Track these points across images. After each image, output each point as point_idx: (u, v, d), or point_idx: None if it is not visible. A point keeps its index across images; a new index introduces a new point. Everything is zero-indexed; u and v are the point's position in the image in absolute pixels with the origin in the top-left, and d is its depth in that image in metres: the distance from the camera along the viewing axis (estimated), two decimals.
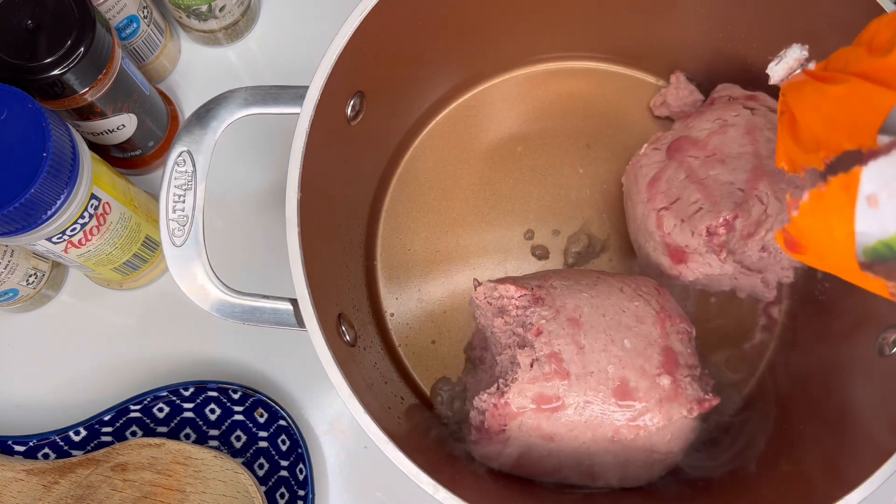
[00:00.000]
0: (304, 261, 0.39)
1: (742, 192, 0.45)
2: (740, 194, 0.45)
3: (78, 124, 0.50)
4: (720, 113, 0.49)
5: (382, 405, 0.44)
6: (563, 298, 0.44)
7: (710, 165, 0.46)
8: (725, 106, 0.49)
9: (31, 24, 0.43)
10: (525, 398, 0.42)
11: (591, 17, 0.53)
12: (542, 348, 0.42)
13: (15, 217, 0.40)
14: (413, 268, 0.55)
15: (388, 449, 0.37)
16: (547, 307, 0.44)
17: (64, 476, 0.50)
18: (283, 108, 0.42)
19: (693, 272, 0.47)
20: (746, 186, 0.45)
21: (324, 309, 0.40)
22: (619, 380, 0.42)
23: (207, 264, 0.40)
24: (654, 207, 0.48)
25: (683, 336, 0.44)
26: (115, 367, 0.55)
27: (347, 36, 0.41)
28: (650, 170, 0.49)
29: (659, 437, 0.42)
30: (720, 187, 0.45)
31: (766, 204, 0.45)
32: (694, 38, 0.53)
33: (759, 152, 0.46)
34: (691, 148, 0.48)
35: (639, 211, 0.49)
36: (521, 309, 0.44)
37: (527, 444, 0.43)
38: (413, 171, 0.56)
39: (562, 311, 0.43)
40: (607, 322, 0.43)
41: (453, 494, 0.37)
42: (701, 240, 0.45)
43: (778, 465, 0.45)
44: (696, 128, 0.49)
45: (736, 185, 0.45)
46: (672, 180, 0.47)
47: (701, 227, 0.45)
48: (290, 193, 0.40)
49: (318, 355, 0.38)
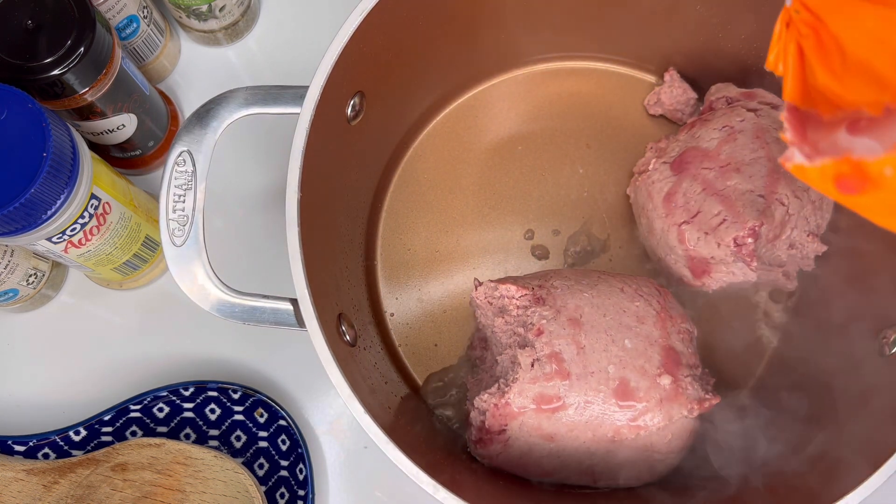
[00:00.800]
0: (305, 260, 0.39)
1: (763, 198, 0.45)
2: (762, 201, 0.45)
3: (78, 124, 0.50)
4: (725, 120, 0.48)
5: (382, 405, 0.44)
6: (563, 298, 0.44)
7: (727, 176, 0.46)
8: (729, 112, 0.49)
9: (31, 24, 0.43)
10: (526, 398, 0.42)
11: (591, 17, 0.53)
12: (542, 348, 0.42)
13: (15, 217, 0.40)
14: (413, 268, 0.55)
15: (389, 449, 0.37)
16: (548, 307, 0.44)
17: (64, 476, 0.50)
18: (284, 108, 0.42)
19: (717, 282, 0.47)
20: (766, 192, 0.45)
21: (324, 309, 0.40)
22: (619, 380, 0.42)
23: (207, 264, 0.40)
24: (675, 222, 0.48)
25: (684, 336, 0.44)
26: (115, 367, 0.55)
27: (347, 36, 0.42)
28: (664, 185, 0.49)
29: (659, 436, 0.42)
30: (741, 196, 0.45)
31: (787, 205, 0.45)
32: (692, 36, 0.53)
33: (772, 155, 0.46)
34: (704, 160, 0.48)
35: (657, 226, 0.49)
36: (522, 309, 0.44)
37: (527, 443, 0.43)
38: (413, 171, 0.56)
39: (562, 311, 0.43)
40: (608, 322, 0.43)
41: (453, 494, 0.37)
42: (728, 250, 0.45)
43: (778, 465, 0.45)
44: (703, 138, 0.49)
45: (756, 192, 0.45)
46: (689, 194, 0.47)
47: (728, 239, 0.45)
48: (290, 193, 0.40)
49: (318, 355, 0.38)
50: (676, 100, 0.54)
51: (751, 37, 0.51)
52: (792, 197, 0.45)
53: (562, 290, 0.45)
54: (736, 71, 0.52)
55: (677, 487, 0.46)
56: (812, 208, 0.46)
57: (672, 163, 0.49)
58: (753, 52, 0.51)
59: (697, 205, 0.47)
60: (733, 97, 0.51)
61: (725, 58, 0.52)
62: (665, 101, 0.54)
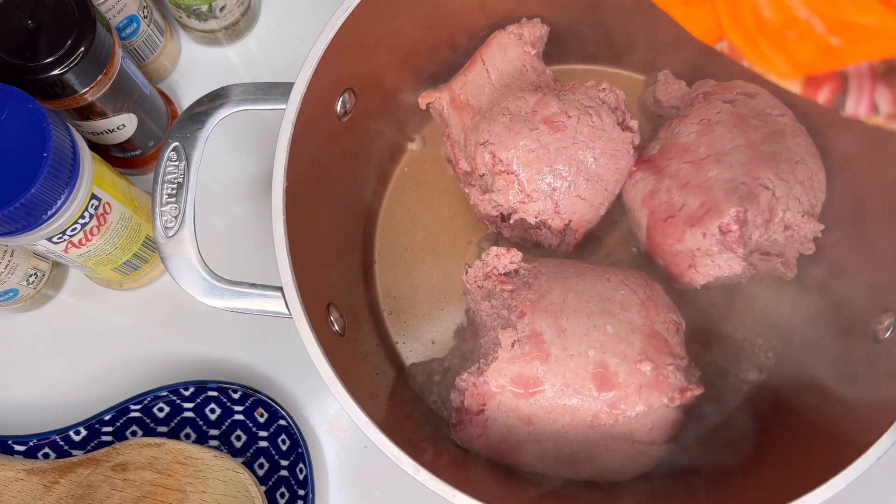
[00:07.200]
0: (290, 248, 0.40)
1: (745, 185, 0.45)
2: (745, 188, 0.45)
3: (78, 124, 0.50)
4: (702, 114, 0.49)
5: (370, 393, 0.45)
6: (549, 284, 0.45)
7: (708, 167, 0.47)
8: (705, 105, 0.49)
9: (32, 23, 0.43)
10: (504, 377, 0.42)
11: (584, 19, 0.53)
12: (524, 329, 0.42)
13: (15, 217, 0.40)
14: (410, 265, 0.55)
15: (370, 430, 0.38)
16: (533, 291, 0.44)
17: (64, 476, 0.50)
18: (273, 105, 0.43)
19: (704, 276, 0.47)
20: (748, 178, 0.45)
21: (310, 297, 0.41)
22: (599, 364, 0.42)
23: (198, 254, 0.41)
24: (660, 218, 0.48)
25: (670, 326, 0.44)
26: (115, 367, 0.55)
27: (332, 33, 0.42)
28: (646, 184, 0.49)
29: (639, 424, 0.42)
30: (723, 185, 0.45)
31: (772, 188, 0.45)
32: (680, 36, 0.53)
33: (752, 141, 0.46)
34: (683, 154, 0.48)
35: (643, 224, 0.49)
36: (508, 292, 0.45)
37: (506, 425, 0.43)
38: (411, 169, 0.57)
39: (547, 295, 0.44)
40: (591, 308, 0.43)
41: (433, 476, 0.37)
42: (714, 240, 0.45)
43: (773, 455, 0.45)
44: (682, 133, 0.49)
45: (738, 180, 0.45)
46: (672, 190, 0.47)
47: (713, 228, 0.45)
48: (276, 183, 0.41)
49: (302, 341, 0.39)
50: (672, 96, 0.54)
51: None
52: (777, 180, 0.45)
53: (548, 276, 0.45)
54: (726, 68, 0.52)
55: (668, 482, 0.46)
56: (802, 189, 0.46)
57: (652, 160, 0.49)
58: None
59: (681, 199, 0.47)
60: (710, 91, 0.51)
61: (714, 57, 0.52)
62: (662, 99, 0.54)
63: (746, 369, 0.51)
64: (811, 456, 0.42)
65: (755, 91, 0.50)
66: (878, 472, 0.36)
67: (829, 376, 0.44)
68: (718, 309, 0.52)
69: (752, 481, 0.44)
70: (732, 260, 0.45)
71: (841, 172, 0.48)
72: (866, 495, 0.39)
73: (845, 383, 0.43)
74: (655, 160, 0.49)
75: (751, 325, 0.52)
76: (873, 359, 0.43)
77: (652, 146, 0.50)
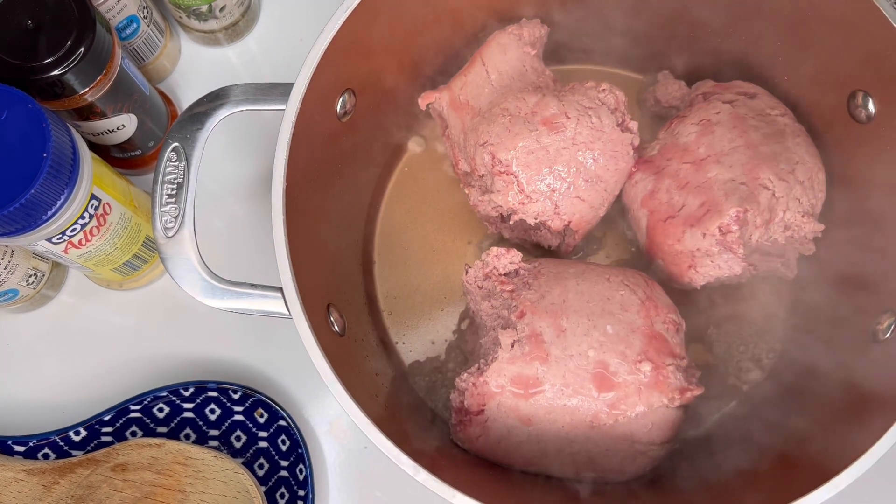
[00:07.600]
0: (290, 249, 0.40)
1: (745, 185, 0.45)
2: (745, 188, 0.45)
3: (78, 124, 0.50)
4: (701, 114, 0.49)
5: (370, 393, 0.45)
6: (549, 284, 0.45)
7: (707, 168, 0.47)
8: (705, 106, 0.49)
9: (32, 24, 0.43)
10: (504, 377, 0.42)
11: (584, 18, 0.53)
12: (524, 329, 0.42)
13: (15, 217, 0.40)
14: (410, 265, 0.55)
15: (370, 431, 0.38)
16: (533, 291, 0.44)
17: (64, 476, 0.50)
18: (273, 105, 0.43)
19: (703, 277, 0.47)
20: (748, 179, 0.45)
21: (311, 297, 0.41)
22: (599, 364, 0.42)
23: (198, 255, 0.41)
24: (660, 219, 0.48)
25: (670, 326, 0.44)
26: (115, 367, 0.55)
27: (332, 33, 0.42)
28: (646, 184, 0.49)
29: (639, 424, 0.42)
30: (723, 186, 0.45)
31: (772, 188, 0.45)
32: (678, 37, 0.53)
33: (751, 142, 0.46)
34: (683, 155, 0.48)
35: (643, 225, 0.49)
36: (508, 293, 0.45)
37: (506, 426, 0.43)
38: (411, 169, 0.57)
39: (547, 295, 0.44)
40: (591, 308, 0.43)
41: (433, 476, 0.37)
42: (713, 240, 0.45)
43: (773, 455, 0.45)
44: (682, 133, 0.49)
45: (737, 180, 0.45)
46: (671, 190, 0.47)
47: (713, 228, 0.45)
48: (276, 183, 0.41)
49: (302, 341, 0.39)
50: (672, 96, 0.54)
51: (737, 35, 0.51)
52: (777, 180, 0.45)
53: (548, 276, 0.45)
54: (724, 67, 0.52)
55: (665, 485, 0.46)
56: (802, 189, 0.46)
57: (652, 161, 0.49)
58: (737, 49, 0.51)
59: (681, 199, 0.47)
60: (709, 91, 0.51)
61: (717, 56, 0.52)
62: (661, 99, 0.54)
63: (746, 369, 0.51)
64: (811, 456, 0.42)
65: (755, 91, 0.50)
66: (878, 473, 0.36)
67: (829, 376, 0.45)
68: (718, 309, 0.52)
69: (752, 481, 0.44)
70: (732, 260, 0.45)
71: (841, 172, 0.48)
72: (866, 495, 0.39)
73: (845, 383, 0.43)
74: (655, 161, 0.49)
75: (751, 325, 0.52)
76: (873, 359, 0.43)
77: (652, 147, 0.50)
